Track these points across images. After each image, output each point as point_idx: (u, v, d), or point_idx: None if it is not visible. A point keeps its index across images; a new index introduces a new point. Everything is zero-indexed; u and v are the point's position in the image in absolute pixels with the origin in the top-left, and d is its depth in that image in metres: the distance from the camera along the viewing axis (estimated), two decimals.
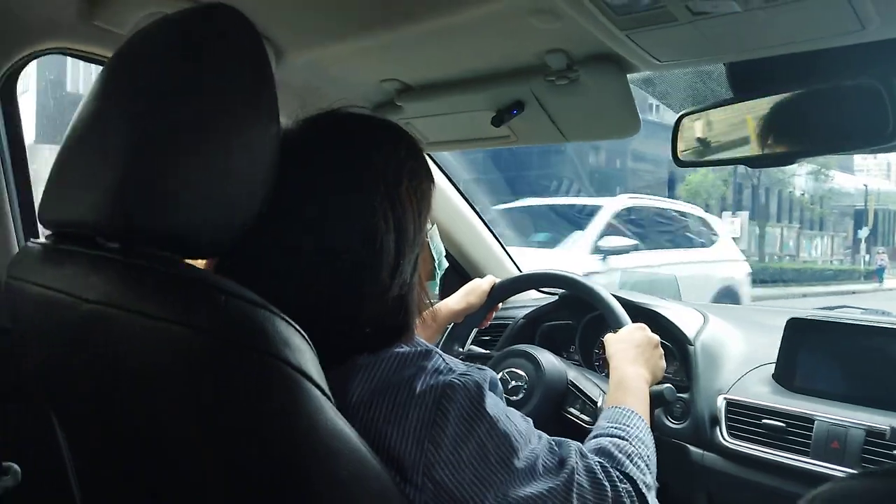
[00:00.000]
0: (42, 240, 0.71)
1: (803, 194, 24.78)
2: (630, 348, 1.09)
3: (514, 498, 0.66)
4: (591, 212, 5.49)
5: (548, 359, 1.26)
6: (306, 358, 0.56)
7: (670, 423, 1.34)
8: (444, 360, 0.68)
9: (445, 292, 2.00)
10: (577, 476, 0.70)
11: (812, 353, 1.26)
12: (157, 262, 0.58)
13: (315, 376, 0.56)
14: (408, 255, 0.70)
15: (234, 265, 0.66)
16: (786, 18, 0.72)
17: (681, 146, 1.01)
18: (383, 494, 0.61)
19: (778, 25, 0.74)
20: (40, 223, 0.71)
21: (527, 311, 1.69)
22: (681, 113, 1.01)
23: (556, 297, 1.67)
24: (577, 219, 5.57)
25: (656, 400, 1.22)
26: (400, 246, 0.69)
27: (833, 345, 1.24)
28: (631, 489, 0.74)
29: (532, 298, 1.89)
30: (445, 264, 0.92)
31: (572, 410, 1.21)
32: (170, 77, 0.61)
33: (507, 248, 1.91)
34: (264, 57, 0.66)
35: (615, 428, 0.86)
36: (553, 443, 0.73)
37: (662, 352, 1.15)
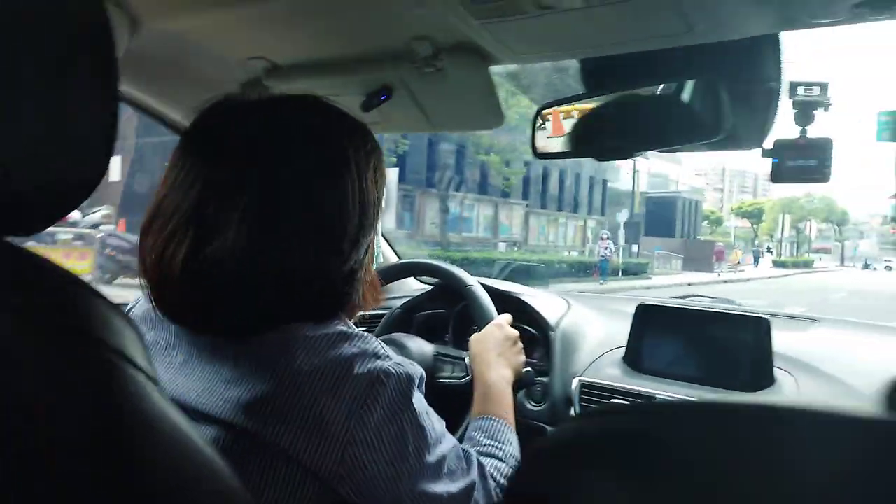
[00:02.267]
0: None
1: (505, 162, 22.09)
2: (488, 351, 1.15)
3: (420, 491, 0.68)
4: None
5: (415, 341, 1.29)
6: (127, 340, 0.54)
7: (531, 406, 1.40)
8: (382, 347, 0.70)
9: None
10: (475, 492, 0.75)
11: (657, 336, 1.36)
12: None
13: (138, 360, 0.54)
14: (366, 234, 0.73)
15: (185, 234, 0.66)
16: (623, 18, 0.77)
17: (538, 138, 1.06)
18: (212, 476, 0.59)
19: (617, 25, 0.79)
20: None
21: (403, 302, 1.71)
22: (539, 106, 1.06)
23: (431, 287, 1.70)
24: None
25: (518, 383, 1.27)
26: (363, 222, 0.72)
27: (675, 329, 1.35)
28: None
29: (412, 289, 1.90)
30: (381, 258, 0.93)
31: (443, 375, 1.25)
32: None
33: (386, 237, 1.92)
34: (101, 11, 0.62)
35: (493, 446, 0.92)
36: (462, 453, 0.77)
37: (521, 346, 1.21)
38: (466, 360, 1.24)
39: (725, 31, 0.79)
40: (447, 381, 1.24)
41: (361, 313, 1.62)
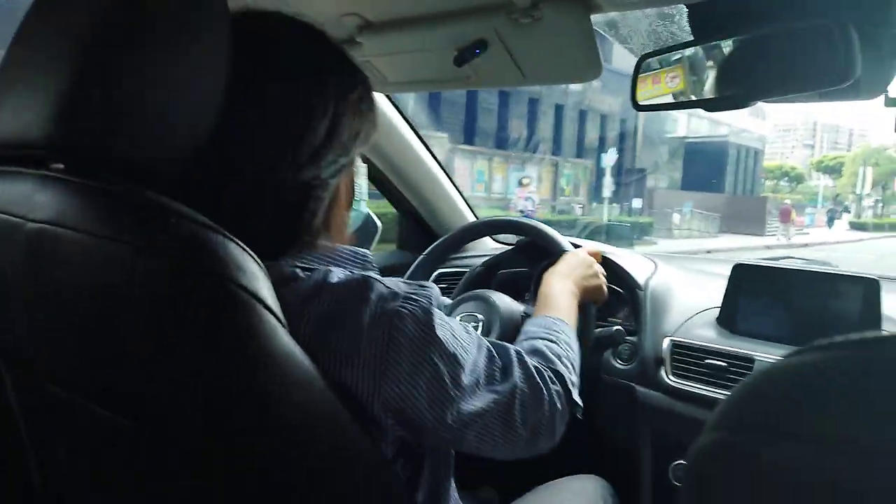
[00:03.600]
0: None
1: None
2: (562, 266, 1.13)
3: (466, 412, 0.68)
4: None
5: (501, 298, 1.28)
6: (260, 283, 0.56)
7: (618, 365, 1.39)
8: (384, 284, 0.68)
9: (404, 240, 2.01)
10: (518, 383, 0.74)
11: (754, 297, 1.31)
12: (106, 182, 0.57)
13: (269, 302, 0.56)
14: (333, 151, 0.71)
15: None
16: None
17: (641, 89, 1.02)
18: (335, 417, 0.62)
19: None
20: None
21: (483, 259, 1.71)
22: (641, 55, 1.02)
23: (513, 246, 1.70)
24: None
25: (605, 341, 1.26)
26: (330, 139, 0.70)
27: (773, 290, 1.30)
28: (560, 389, 0.80)
29: (490, 248, 1.91)
30: (365, 210, 0.92)
31: None
32: None
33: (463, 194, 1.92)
34: None
35: (545, 332, 0.90)
36: (493, 349, 0.75)
37: (599, 270, 1.18)
38: None
39: None
40: None
41: (439, 271, 1.64)
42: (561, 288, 1.06)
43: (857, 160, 46.90)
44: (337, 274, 0.68)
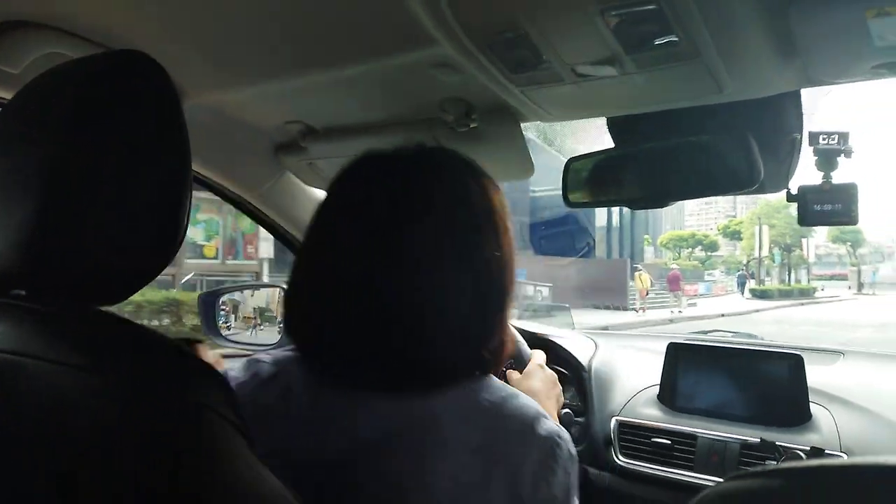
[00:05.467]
0: None
1: None
2: (537, 392, 1.12)
3: None
4: None
5: None
6: (224, 402, 0.57)
7: None
8: (550, 420, 0.71)
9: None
10: None
11: (690, 375, 1.38)
12: (72, 309, 0.57)
13: (234, 419, 0.57)
14: (514, 282, 0.74)
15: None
16: (655, 82, 0.82)
17: (570, 188, 1.10)
18: None
19: (650, 88, 0.84)
20: None
21: None
22: (569, 158, 1.11)
23: None
24: None
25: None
26: (506, 273, 0.72)
27: (708, 367, 1.37)
28: None
29: None
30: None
31: None
32: (82, 121, 0.60)
33: None
34: (176, 100, 0.67)
35: None
36: None
37: (560, 388, 1.20)
38: None
39: (753, 90, 0.84)
40: None
41: None
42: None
43: (754, 220, 39.15)
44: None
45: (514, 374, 1.23)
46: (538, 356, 1.25)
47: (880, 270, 44.12)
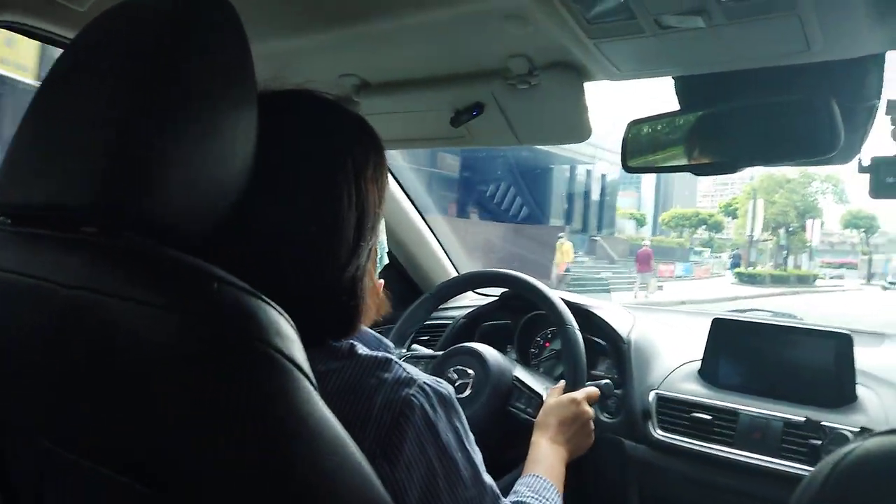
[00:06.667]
0: None
1: None
2: (553, 426, 1.13)
3: None
4: None
5: (493, 356, 1.30)
6: (296, 347, 0.56)
7: (605, 419, 1.41)
8: (404, 369, 0.68)
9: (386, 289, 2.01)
10: None
11: (733, 351, 1.36)
12: (144, 246, 0.57)
13: (304, 366, 0.57)
14: (366, 239, 0.71)
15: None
16: (743, 36, 0.79)
17: (630, 153, 1.07)
18: (363, 485, 0.62)
19: (735, 43, 0.81)
20: None
21: (467, 312, 1.73)
22: (631, 120, 1.08)
23: (496, 298, 1.72)
24: None
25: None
26: (361, 227, 0.70)
27: (753, 344, 1.35)
28: None
29: (471, 300, 1.93)
30: (386, 260, 0.94)
31: (518, 405, 1.25)
32: (153, 58, 0.59)
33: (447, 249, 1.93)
34: (244, 39, 0.66)
35: (534, 496, 0.92)
36: (492, 487, 0.75)
37: (591, 428, 1.19)
38: (544, 395, 1.24)
39: (841, 49, 0.81)
40: (517, 412, 1.24)
41: (426, 322, 1.65)
42: (552, 451, 1.08)
43: (751, 195, 33.39)
44: (362, 347, 0.69)
45: (554, 392, 1.22)
46: (583, 392, 1.21)
47: (893, 261, 38.24)
